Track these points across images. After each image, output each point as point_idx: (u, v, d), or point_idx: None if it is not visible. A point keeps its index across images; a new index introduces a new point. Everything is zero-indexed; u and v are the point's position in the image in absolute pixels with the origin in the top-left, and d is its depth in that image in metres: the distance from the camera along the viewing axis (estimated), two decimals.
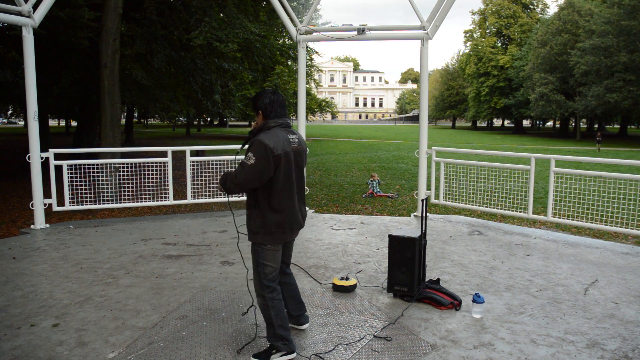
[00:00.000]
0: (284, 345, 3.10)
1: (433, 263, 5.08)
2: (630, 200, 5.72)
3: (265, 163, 2.93)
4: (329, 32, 7.59)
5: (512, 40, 60.07)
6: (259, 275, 3.14)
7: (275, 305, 3.13)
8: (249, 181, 2.97)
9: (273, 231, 3.08)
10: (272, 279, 3.15)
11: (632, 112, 38.48)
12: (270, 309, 3.12)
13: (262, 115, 3.13)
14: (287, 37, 23.23)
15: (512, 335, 3.46)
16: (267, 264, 3.12)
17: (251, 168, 2.93)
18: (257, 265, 3.14)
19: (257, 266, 3.14)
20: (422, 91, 7.41)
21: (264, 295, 3.13)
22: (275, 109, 3.13)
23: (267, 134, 3.02)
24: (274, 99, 3.14)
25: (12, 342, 3.32)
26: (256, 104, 3.14)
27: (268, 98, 3.12)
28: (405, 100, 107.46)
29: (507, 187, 6.79)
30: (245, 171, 2.94)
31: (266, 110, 3.12)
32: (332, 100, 75.63)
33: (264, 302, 3.14)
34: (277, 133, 3.04)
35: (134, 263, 5.08)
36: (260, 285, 3.15)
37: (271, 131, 3.05)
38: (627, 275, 4.71)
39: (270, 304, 3.12)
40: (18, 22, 6.20)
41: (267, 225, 3.06)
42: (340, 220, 7.27)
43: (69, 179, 6.83)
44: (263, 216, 3.05)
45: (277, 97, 3.15)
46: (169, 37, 14.08)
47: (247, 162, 2.93)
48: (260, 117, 3.15)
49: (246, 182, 2.98)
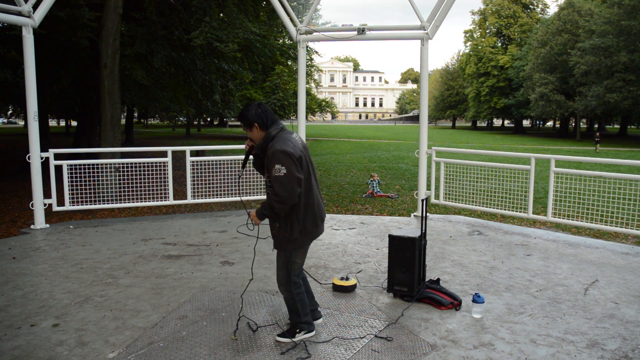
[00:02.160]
0: (307, 325, 3.38)
1: (433, 263, 5.08)
2: (630, 200, 5.72)
3: (295, 168, 3.00)
4: (329, 32, 7.59)
5: (512, 40, 60.07)
6: (289, 272, 3.27)
7: (302, 299, 3.35)
8: (293, 190, 2.99)
9: (309, 230, 3.21)
10: (298, 274, 3.35)
11: (632, 112, 38.43)
12: (297, 302, 3.32)
13: (258, 127, 3.15)
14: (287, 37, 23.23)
15: (512, 335, 3.46)
16: (297, 262, 3.30)
17: (287, 178, 2.96)
18: (287, 264, 3.26)
19: (287, 264, 3.26)
20: (422, 91, 7.41)
21: (291, 290, 3.29)
22: (269, 117, 3.18)
23: (278, 142, 3.06)
24: (262, 109, 3.18)
25: (12, 342, 3.32)
26: (248, 119, 3.15)
27: (256, 110, 3.16)
28: (405, 100, 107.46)
29: (507, 187, 6.79)
30: (283, 184, 2.96)
31: (262, 121, 3.15)
32: (332, 100, 75.66)
33: (291, 296, 3.31)
34: (284, 138, 3.10)
35: (134, 263, 5.08)
36: (288, 282, 3.29)
37: (279, 138, 3.09)
38: (627, 275, 4.71)
39: (297, 298, 3.32)
40: (18, 22, 6.20)
41: (303, 226, 3.17)
42: (340, 220, 7.27)
43: (69, 179, 6.83)
44: (298, 218, 3.14)
45: (263, 107, 3.21)
46: (169, 37, 14.08)
47: (279, 175, 2.95)
48: (257, 130, 3.16)
49: (292, 192, 2.99)
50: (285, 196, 2.98)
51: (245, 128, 3.19)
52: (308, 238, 3.26)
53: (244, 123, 3.18)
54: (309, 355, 3.15)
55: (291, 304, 3.34)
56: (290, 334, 3.35)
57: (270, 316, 3.76)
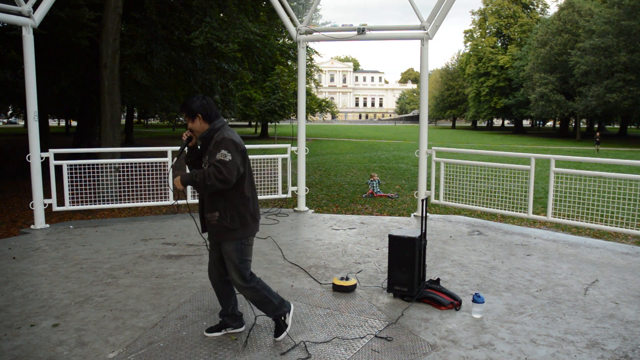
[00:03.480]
0: (284, 307, 3.34)
1: (433, 263, 5.08)
2: (630, 200, 5.72)
3: (239, 157, 3.03)
4: (329, 32, 7.59)
5: (512, 40, 60.07)
6: (242, 272, 3.18)
7: (264, 285, 3.28)
8: (233, 176, 2.98)
9: (249, 223, 3.17)
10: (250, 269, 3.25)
11: (632, 112, 38.41)
12: (262, 290, 3.25)
13: (202, 118, 3.13)
14: (287, 37, 23.24)
15: (512, 335, 3.46)
16: (249, 259, 3.22)
17: (232, 164, 2.97)
18: (240, 263, 3.16)
19: (240, 263, 3.16)
20: (422, 91, 7.41)
21: (252, 285, 3.21)
22: (213, 110, 3.18)
23: (226, 132, 3.09)
24: (207, 101, 3.17)
25: (12, 342, 3.32)
26: (192, 109, 3.12)
27: (201, 101, 3.15)
28: (405, 100, 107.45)
29: (507, 187, 6.79)
30: (227, 167, 2.95)
31: (206, 113, 3.14)
32: (332, 100, 75.63)
33: (254, 291, 3.22)
34: (231, 130, 3.13)
35: (134, 263, 5.08)
36: (244, 280, 3.19)
37: (226, 130, 3.12)
38: (627, 275, 4.71)
39: (259, 287, 3.24)
40: (18, 22, 6.20)
41: (244, 218, 3.13)
42: (340, 220, 7.27)
43: (69, 179, 6.83)
44: (238, 210, 3.11)
45: (208, 99, 3.20)
46: (169, 37, 14.08)
47: (225, 159, 2.96)
48: (199, 121, 3.14)
49: (232, 177, 2.98)
50: (224, 178, 2.95)
51: (188, 119, 3.16)
52: (248, 232, 3.18)
53: (187, 113, 3.14)
54: (308, 355, 3.15)
55: (259, 298, 3.25)
56: (280, 325, 3.33)
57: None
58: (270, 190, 8.08)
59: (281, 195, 8.05)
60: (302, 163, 7.97)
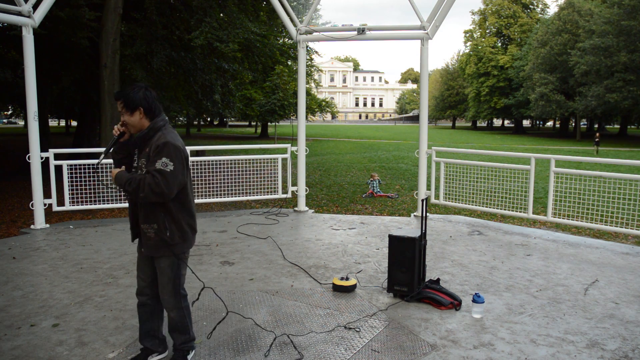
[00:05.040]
0: (192, 343, 3.09)
1: (433, 263, 5.08)
2: (630, 200, 5.71)
3: (182, 167, 2.69)
4: (329, 32, 7.59)
5: (512, 40, 60.07)
6: (176, 288, 2.89)
7: (189, 313, 3.03)
8: (172, 190, 2.65)
9: (189, 237, 2.90)
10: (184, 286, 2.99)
11: (632, 112, 38.44)
12: (187, 316, 2.98)
13: (143, 112, 2.71)
14: (287, 37, 23.23)
15: (512, 335, 3.46)
16: (184, 274, 2.95)
17: (172, 175, 2.62)
18: (175, 278, 2.87)
19: (175, 279, 2.87)
20: (422, 91, 7.41)
21: (181, 306, 2.94)
22: (157, 105, 2.77)
23: (169, 134, 2.71)
24: (152, 94, 2.76)
25: (12, 342, 3.32)
26: (134, 100, 2.68)
27: (144, 92, 2.72)
28: (405, 100, 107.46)
29: (507, 187, 6.79)
30: (168, 180, 2.61)
31: (149, 107, 2.72)
32: (332, 100, 75.63)
33: (181, 313, 2.94)
34: (174, 132, 2.77)
35: (134, 263, 5.07)
36: (176, 299, 2.91)
37: (168, 131, 2.74)
38: (627, 275, 4.71)
39: (186, 312, 2.98)
40: (18, 22, 6.20)
41: (185, 232, 2.85)
42: (340, 220, 7.27)
43: (69, 179, 6.83)
44: (179, 223, 2.82)
45: (153, 92, 2.79)
46: (169, 37, 14.09)
47: (166, 170, 2.60)
48: (140, 115, 2.71)
49: (171, 191, 2.65)
50: (161, 192, 2.60)
51: (125, 110, 2.71)
52: (186, 246, 2.90)
53: (126, 104, 2.69)
54: (301, 356, 3.15)
55: (181, 323, 2.95)
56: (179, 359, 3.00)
57: (270, 316, 3.76)
58: (270, 190, 8.08)
59: (281, 195, 8.05)
60: (302, 163, 7.97)
